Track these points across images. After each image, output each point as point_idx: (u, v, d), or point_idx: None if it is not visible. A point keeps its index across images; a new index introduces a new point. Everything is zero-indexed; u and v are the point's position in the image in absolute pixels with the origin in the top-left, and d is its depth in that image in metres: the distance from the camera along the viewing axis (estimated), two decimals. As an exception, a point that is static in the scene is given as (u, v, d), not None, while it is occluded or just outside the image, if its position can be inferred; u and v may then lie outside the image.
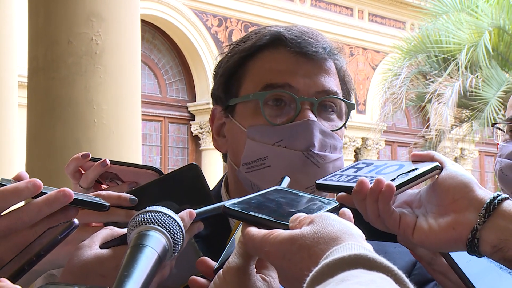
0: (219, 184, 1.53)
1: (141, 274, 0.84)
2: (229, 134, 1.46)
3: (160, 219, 0.93)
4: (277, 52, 1.42)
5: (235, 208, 0.97)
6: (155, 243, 0.89)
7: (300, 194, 1.06)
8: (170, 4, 14.10)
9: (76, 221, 1.02)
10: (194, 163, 1.28)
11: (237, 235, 1.06)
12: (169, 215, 0.94)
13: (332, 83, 1.43)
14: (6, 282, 0.79)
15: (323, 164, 1.38)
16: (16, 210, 1.05)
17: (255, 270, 0.97)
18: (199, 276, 1.03)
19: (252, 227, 0.94)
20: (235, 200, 0.99)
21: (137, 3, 3.81)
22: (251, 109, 1.41)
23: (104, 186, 1.47)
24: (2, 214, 1.05)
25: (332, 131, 1.41)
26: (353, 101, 1.51)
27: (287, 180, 1.16)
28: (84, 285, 0.92)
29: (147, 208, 0.95)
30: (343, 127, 1.46)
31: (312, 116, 1.38)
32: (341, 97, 1.44)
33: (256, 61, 1.43)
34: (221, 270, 0.97)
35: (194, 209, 1.09)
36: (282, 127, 1.38)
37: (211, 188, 1.53)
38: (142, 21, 7.05)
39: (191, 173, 1.24)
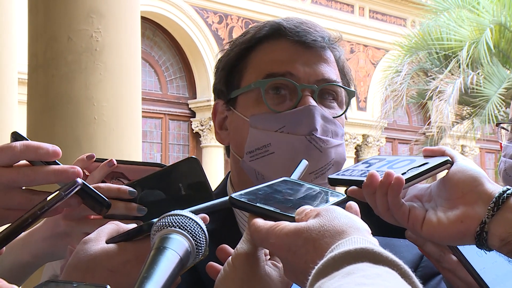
0: (224, 181, 1.53)
1: (162, 276, 0.83)
2: (231, 126, 1.47)
3: (182, 222, 0.92)
4: (277, 43, 1.44)
5: (242, 199, 0.97)
6: (177, 245, 0.89)
7: (308, 186, 1.06)
8: (171, 1, 14.09)
9: (79, 180, 1.04)
10: (193, 156, 1.29)
11: None
12: (191, 218, 0.93)
13: (331, 72, 1.45)
14: (2, 282, 0.78)
15: (326, 148, 1.39)
16: (26, 167, 1.09)
17: (264, 256, 0.97)
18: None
19: (258, 218, 0.94)
20: (242, 191, 0.99)
21: (138, 0, 3.80)
22: (252, 98, 1.43)
23: (108, 183, 1.46)
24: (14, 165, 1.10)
25: (334, 118, 1.43)
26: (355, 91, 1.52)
27: (304, 163, 1.16)
28: (83, 283, 0.92)
29: (171, 212, 0.95)
30: (344, 116, 1.48)
31: (313, 102, 1.40)
32: (341, 85, 1.46)
33: (257, 53, 1.45)
34: (230, 257, 0.97)
35: (194, 202, 1.08)
36: (284, 114, 1.39)
37: (216, 186, 1.53)
38: (143, 18, 7.05)
39: (190, 166, 1.26)
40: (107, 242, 1.04)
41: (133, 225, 1.08)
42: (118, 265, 1.01)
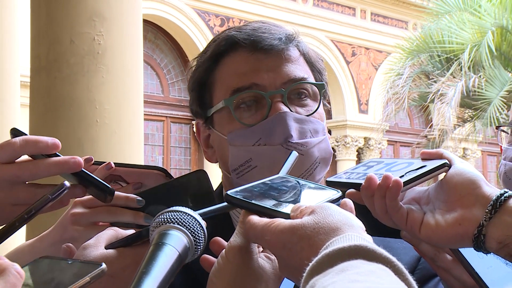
0: (220, 187, 1.54)
1: (160, 271, 0.84)
2: (215, 144, 1.48)
3: (181, 218, 0.93)
4: (236, 55, 1.43)
5: (237, 196, 0.97)
6: (176, 241, 0.89)
7: (303, 182, 1.07)
8: (173, 4, 14.10)
9: (67, 183, 1.04)
10: (202, 169, 1.30)
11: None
12: (190, 215, 0.94)
13: (297, 69, 1.43)
14: (4, 259, 0.78)
15: (307, 150, 1.39)
16: (27, 161, 1.10)
17: (256, 248, 0.98)
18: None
19: (253, 215, 0.95)
20: (238, 188, 0.99)
21: (139, 3, 3.81)
22: (225, 116, 1.43)
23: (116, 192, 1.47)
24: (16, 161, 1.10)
25: (309, 115, 1.42)
26: (325, 80, 1.50)
27: (294, 154, 1.16)
28: (78, 260, 0.93)
29: (169, 208, 0.95)
30: (323, 109, 1.47)
31: (284, 108, 1.39)
32: (309, 81, 1.44)
33: (220, 69, 1.45)
34: (224, 250, 0.98)
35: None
36: (257, 126, 1.39)
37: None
38: (144, 21, 7.06)
39: (199, 179, 1.27)
40: (106, 248, 1.05)
41: (131, 231, 1.09)
42: (117, 270, 1.02)
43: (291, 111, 1.40)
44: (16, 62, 5.68)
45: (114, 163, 1.42)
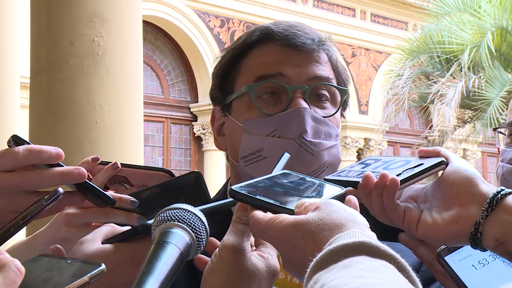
0: (225, 186, 1.54)
1: (162, 270, 0.84)
2: (227, 132, 1.49)
3: (183, 216, 0.93)
4: (266, 47, 1.45)
5: (242, 191, 0.97)
6: (178, 240, 0.89)
7: (307, 179, 1.07)
8: (172, 5, 14.11)
9: (60, 189, 1.03)
10: (196, 170, 1.30)
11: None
12: (192, 212, 0.94)
13: (323, 71, 1.45)
14: (4, 254, 0.78)
15: (318, 151, 1.39)
16: (30, 171, 1.08)
17: (250, 247, 0.99)
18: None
19: (258, 210, 0.95)
20: (243, 183, 0.99)
21: (139, 4, 3.81)
22: (245, 103, 1.44)
23: (110, 191, 1.47)
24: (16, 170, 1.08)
25: (325, 117, 1.42)
26: (348, 89, 1.51)
27: (286, 156, 1.16)
28: (77, 259, 0.93)
29: (171, 205, 0.95)
30: (340, 116, 1.48)
31: (303, 104, 1.40)
32: (333, 83, 1.45)
33: (248, 58, 1.46)
34: (217, 248, 0.98)
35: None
36: (275, 117, 1.40)
37: (217, 191, 1.55)
38: (144, 22, 7.07)
39: (193, 180, 1.27)
40: (102, 243, 1.06)
41: (128, 227, 1.10)
42: (113, 265, 1.02)
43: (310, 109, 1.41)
44: (16, 63, 5.68)
45: (120, 163, 1.42)
